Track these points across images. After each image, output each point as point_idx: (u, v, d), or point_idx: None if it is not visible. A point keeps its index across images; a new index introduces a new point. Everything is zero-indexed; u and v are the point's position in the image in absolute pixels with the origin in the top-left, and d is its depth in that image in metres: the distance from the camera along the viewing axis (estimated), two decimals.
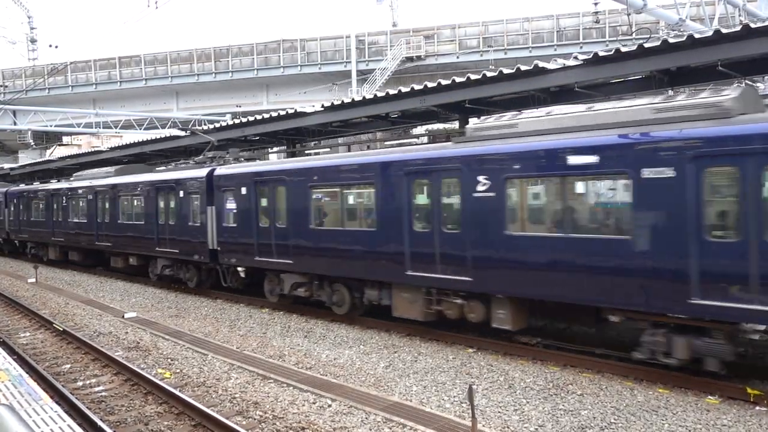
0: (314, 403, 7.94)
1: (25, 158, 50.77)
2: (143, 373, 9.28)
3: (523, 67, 11.26)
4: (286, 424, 7.30)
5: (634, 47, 9.92)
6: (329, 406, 7.81)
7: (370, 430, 7.00)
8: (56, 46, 65.99)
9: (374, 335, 11.60)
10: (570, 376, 8.71)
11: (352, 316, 12.56)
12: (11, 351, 11.05)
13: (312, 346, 11.01)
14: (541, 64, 11.03)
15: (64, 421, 5.77)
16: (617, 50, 10.08)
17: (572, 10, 36.46)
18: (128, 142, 25.73)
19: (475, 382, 8.57)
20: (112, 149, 26.98)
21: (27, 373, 8.29)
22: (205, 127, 20.96)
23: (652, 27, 25.90)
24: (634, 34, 27.35)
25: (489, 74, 11.81)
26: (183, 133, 22.10)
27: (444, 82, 12.54)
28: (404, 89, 13.36)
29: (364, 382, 8.88)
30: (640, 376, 8.47)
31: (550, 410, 7.49)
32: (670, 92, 15.46)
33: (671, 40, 9.55)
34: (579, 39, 35.45)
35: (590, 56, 10.44)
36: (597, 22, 32.60)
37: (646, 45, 9.79)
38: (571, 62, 10.78)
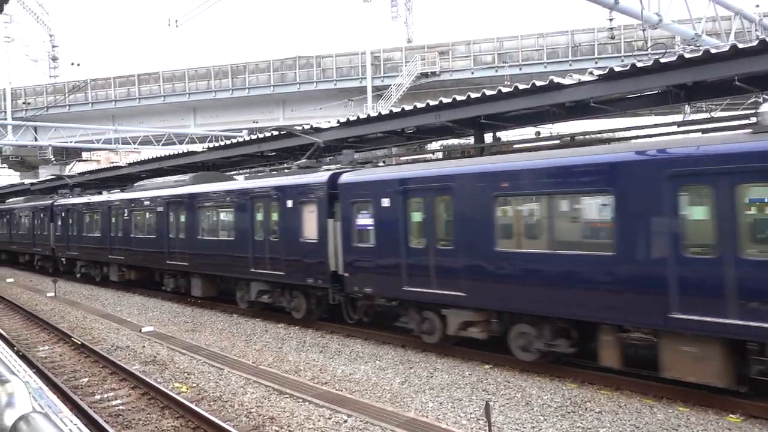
0: (330, 419, 7.92)
1: (46, 174, 51.54)
2: (160, 387, 9.34)
3: (538, 83, 11.28)
4: None
5: (650, 62, 9.91)
6: (345, 421, 7.80)
7: None
8: (78, 64, 67.41)
9: (390, 350, 11.57)
10: (588, 393, 8.62)
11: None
12: (30, 364, 11.17)
13: (327, 361, 11.00)
14: (556, 80, 11.04)
15: None
16: (633, 65, 10.07)
17: (587, 26, 36.47)
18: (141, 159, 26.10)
19: (492, 399, 8.50)
20: (130, 165, 27.54)
21: (46, 386, 8.37)
22: (223, 143, 21.23)
23: (668, 42, 25.82)
24: (649, 50, 27.28)
25: (504, 90, 11.84)
26: (200, 149, 22.42)
27: (459, 97, 12.59)
28: (419, 105, 13.43)
29: (380, 397, 8.85)
30: (660, 393, 8.35)
31: (568, 428, 7.41)
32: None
33: (687, 55, 9.54)
34: (594, 54, 35.43)
35: (606, 71, 10.44)
36: (612, 37, 32.54)
37: (662, 60, 9.78)
38: (587, 77, 10.78)
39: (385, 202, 11.46)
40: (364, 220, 12.02)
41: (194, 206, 17.32)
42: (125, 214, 21.03)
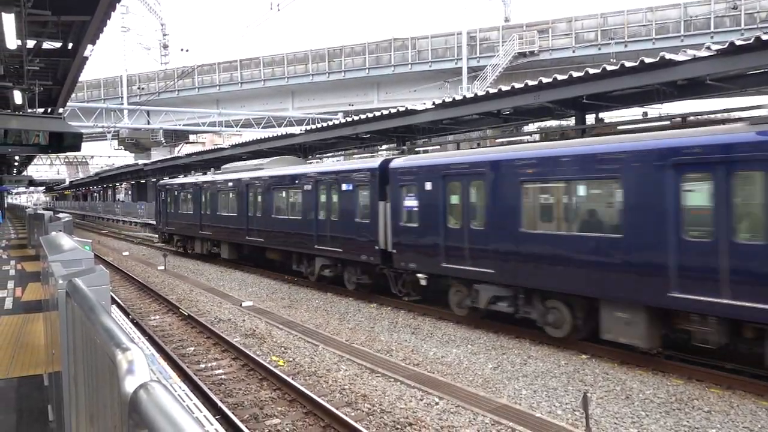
0: (421, 400, 7.95)
1: (157, 155, 55.05)
2: (259, 359, 9.74)
3: (647, 60, 10.61)
4: (393, 418, 7.38)
5: None
6: (436, 404, 7.80)
7: (478, 431, 6.90)
8: (187, 50, 71.02)
9: (482, 335, 11.44)
10: (695, 391, 8.11)
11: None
12: (143, 332, 12.01)
13: (419, 343, 11.04)
14: (668, 56, 10.34)
15: (191, 400, 6.17)
16: (757, 38, 9.22)
17: None
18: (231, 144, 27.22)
19: (590, 390, 8.19)
20: (233, 146, 28.86)
21: (158, 353, 8.97)
22: (320, 125, 21.68)
23: None
24: None
25: (609, 68, 11.24)
26: (298, 131, 23.03)
27: (560, 77, 12.10)
28: (517, 85, 13.03)
29: (471, 382, 8.78)
30: None
31: (673, 426, 7.01)
32: None
33: None
34: (710, 28, 32.86)
35: (725, 46, 9.64)
36: (734, 8, 29.81)
37: None
38: (703, 53, 10.01)
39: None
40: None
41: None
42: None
